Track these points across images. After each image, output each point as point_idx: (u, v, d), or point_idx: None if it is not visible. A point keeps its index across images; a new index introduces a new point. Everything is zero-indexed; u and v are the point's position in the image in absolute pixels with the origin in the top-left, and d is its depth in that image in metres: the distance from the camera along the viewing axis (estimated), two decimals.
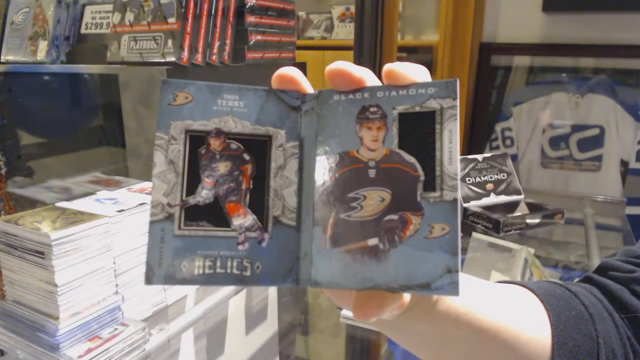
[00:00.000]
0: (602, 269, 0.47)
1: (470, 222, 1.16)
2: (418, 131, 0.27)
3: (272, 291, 0.95)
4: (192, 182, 0.28)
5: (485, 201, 1.19)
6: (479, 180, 1.21)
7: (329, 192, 0.28)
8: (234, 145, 0.29)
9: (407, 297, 0.27)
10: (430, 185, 0.27)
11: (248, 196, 0.29)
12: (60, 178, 1.27)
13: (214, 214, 0.28)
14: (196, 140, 0.28)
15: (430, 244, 0.26)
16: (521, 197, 1.23)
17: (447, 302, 0.33)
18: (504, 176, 1.24)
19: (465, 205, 1.18)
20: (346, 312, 0.83)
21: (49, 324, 0.64)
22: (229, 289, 0.90)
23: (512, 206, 1.18)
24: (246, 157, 0.29)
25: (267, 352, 0.82)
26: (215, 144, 0.28)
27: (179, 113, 0.28)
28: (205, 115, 0.28)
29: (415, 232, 0.26)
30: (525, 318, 0.39)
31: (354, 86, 0.28)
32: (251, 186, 0.29)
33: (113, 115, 1.49)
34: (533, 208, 1.17)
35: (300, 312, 0.96)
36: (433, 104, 0.27)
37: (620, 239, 1.30)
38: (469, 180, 1.20)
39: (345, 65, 0.28)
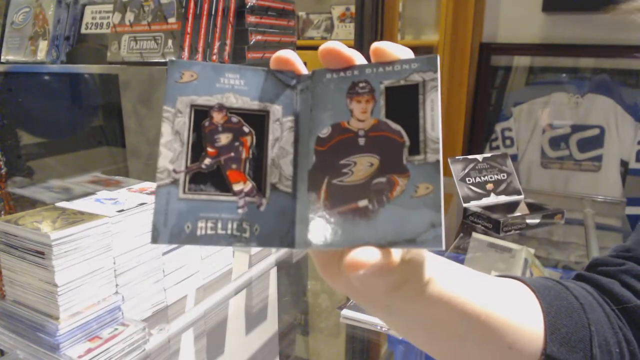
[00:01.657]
0: (592, 266, 0.49)
1: (470, 222, 1.16)
2: (403, 102, 0.30)
3: (272, 291, 0.95)
4: (196, 151, 0.30)
5: (485, 201, 1.19)
6: (479, 180, 1.21)
7: (323, 160, 0.31)
8: (235, 118, 0.31)
9: (396, 255, 0.28)
10: (415, 150, 0.29)
11: (247, 165, 0.31)
12: (60, 178, 1.27)
13: (216, 180, 0.30)
14: (200, 114, 0.31)
15: (415, 202, 0.28)
16: (521, 197, 1.23)
17: (439, 284, 0.34)
18: (504, 176, 1.24)
19: (465, 205, 1.18)
20: (346, 312, 0.83)
21: (49, 324, 0.64)
22: (229, 289, 0.90)
23: (512, 206, 1.18)
24: (246, 129, 0.31)
25: (267, 352, 0.82)
26: (217, 117, 0.31)
27: (185, 89, 0.30)
28: (209, 92, 0.31)
29: (401, 192, 0.28)
30: (517, 305, 0.40)
31: (344, 64, 0.31)
32: (250, 156, 0.31)
33: (113, 115, 1.49)
34: (533, 208, 1.17)
35: (300, 312, 0.96)
36: (416, 78, 0.30)
37: (620, 239, 1.30)
38: (469, 180, 1.20)
39: (336, 45, 0.31)
